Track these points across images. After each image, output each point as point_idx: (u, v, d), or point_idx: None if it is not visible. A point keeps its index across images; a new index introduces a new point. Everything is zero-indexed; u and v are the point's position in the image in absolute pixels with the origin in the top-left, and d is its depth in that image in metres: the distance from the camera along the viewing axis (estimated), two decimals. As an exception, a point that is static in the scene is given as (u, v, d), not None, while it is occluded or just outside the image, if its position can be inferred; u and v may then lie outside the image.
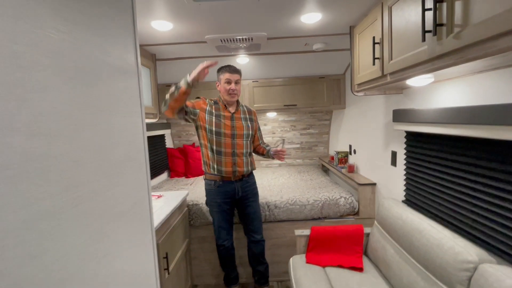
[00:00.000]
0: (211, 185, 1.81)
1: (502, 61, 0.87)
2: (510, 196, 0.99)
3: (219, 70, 1.74)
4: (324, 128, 3.44)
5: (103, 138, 0.69)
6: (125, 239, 0.76)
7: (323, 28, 1.77)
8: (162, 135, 3.10)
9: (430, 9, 0.87)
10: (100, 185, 0.67)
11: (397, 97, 1.77)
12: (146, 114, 2.05)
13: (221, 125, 1.73)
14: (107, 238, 0.68)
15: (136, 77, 0.90)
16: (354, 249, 1.71)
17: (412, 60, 1.03)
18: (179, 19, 1.52)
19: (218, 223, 1.86)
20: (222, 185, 1.79)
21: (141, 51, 2.02)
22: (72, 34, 0.57)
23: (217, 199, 1.81)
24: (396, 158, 1.82)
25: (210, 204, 1.87)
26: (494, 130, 0.96)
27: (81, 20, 0.61)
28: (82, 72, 0.61)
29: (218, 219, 1.85)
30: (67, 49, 0.56)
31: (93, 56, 0.65)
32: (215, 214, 1.86)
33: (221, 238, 1.88)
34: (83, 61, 0.61)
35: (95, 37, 0.65)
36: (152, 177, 2.76)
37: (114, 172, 0.74)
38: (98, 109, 0.67)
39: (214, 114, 1.74)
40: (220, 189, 1.80)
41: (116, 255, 0.71)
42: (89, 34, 0.63)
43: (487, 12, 0.70)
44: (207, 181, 1.83)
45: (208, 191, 1.85)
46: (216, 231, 1.89)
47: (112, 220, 0.71)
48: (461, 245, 1.06)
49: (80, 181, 0.60)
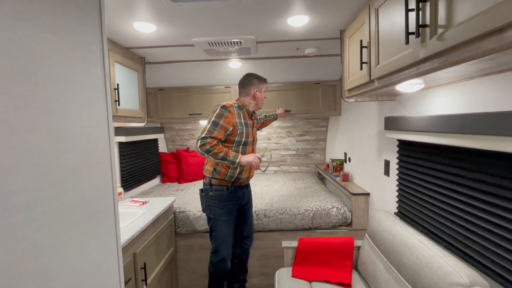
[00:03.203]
0: (222, 191, 1.68)
1: (493, 65, 0.80)
2: (505, 213, 0.90)
3: (259, 79, 1.74)
4: (321, 134, 3.37)
5: (50, 142, 0.63)
6: (78, 252, 0.70)
7: (313, 32, 1.72)
8: (155, 139, 3.05)
9: (413, 10, 0.81)
10: (44, 194, 0.61)
11: (390, 104, 1.70)
12: (133, 118, 2.01)
13: (248, 135, 1.70)
14: (51, 251, 0.62)
15: (101, 76, 0.85)
16: (343, 263, 1.62)
17: (397, 64, 0.97)
18: (161, 21, 1.48)
19: (223, 236, 1.70)
20: (234, 190, 1.72)
21: (129, 54, 1.99)
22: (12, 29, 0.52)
23: (229, 205, 1.71)
24: (389, 168, 1.74)
25: (217, 213, 1.69)
26: (487, 141, 0.89)
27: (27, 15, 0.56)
28: (25, 71, 0.56)
29: (223, 230, 1.70)
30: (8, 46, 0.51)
31: (41, 53, 0.60)
32: (222, 225, 1.69)
33: (224, 254, 1.71)
34: (27, 58, 0.56)
35: (46, 33, 0.61)
36: (143, 182, 2.70)
37: (65, 180, 0.68)
38: (44, 110, 0.62)
39: (243, 124, 1.67)
40: (232, 195, 1.71)
41: (63, 270, 0.65)
42: (37, 29, 0.58)
43: (471, 10, 0.63)
44: (217, 187, 1.68)
45: (217, 198, 1.68)
46: (219, 246, 1.71)
47: (59, 232, 0.65)
48: (451, 265, 0.97)
49: (14, 190, 0.54)
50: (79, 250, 0.70)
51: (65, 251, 0.65)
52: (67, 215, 0.68)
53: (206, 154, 1.54)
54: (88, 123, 0.77)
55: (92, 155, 0.79)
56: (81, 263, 0.71)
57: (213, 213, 1.69)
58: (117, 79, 1.77)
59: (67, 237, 0.67)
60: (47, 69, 0.61)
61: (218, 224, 1.69)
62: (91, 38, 0.80)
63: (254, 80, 1.73)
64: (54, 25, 0.64)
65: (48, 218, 0.62)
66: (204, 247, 2.09)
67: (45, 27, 0.61)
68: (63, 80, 0.67)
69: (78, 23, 0.73)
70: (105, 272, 0.82)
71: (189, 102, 2.84)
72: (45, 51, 0.61)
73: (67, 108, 0.68)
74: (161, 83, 2.78)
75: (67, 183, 0.68)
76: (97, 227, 0.80)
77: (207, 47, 1.87)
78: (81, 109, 0.73)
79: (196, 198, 2.43)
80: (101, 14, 0.83)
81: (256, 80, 1.73)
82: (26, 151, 0.56)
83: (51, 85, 0.63)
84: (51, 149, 0.62)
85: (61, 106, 0.66)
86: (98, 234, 0.80)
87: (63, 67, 0.67)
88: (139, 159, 2.63)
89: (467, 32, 0.64)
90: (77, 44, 0.72)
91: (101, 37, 0.84)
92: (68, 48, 0.68)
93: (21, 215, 0.54)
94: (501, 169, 0.92)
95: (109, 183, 0.86)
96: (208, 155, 1.54)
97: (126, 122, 1.93)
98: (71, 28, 0.70)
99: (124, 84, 1.86)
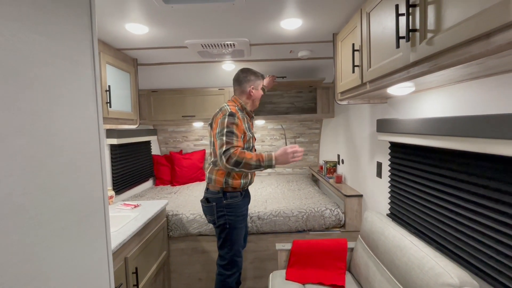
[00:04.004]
0: (237, 197, 1.57)
1: (480, 69, 0.82)
2: (495, 214, 0.92)
3: (256, 75, 1.60)
4: (314, 137, 3.39)
5: (37, 146, 0.62)
6: (66, 257, 0.69)
7: (306, 35, 1.74)
8: (147, 142, 3.02)
9: (404, 14, 0.83)
10: (31, 198, 0.60)
11: (382, 106, 1.72)
12: (125, 120, 1.98)
13: (251, 138, 1.61)
14: (39, 257, 0.60)
15: (91, 77, 0.84)
16: (337, 265, 1.63)
17: (388, 67, 0.99)
18: (154, 23, 1.47)
19: (239, 245, 1.59)
20: (246, 193, 1.67)
21: (121, 55, 1.96)
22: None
23: (244, 210, 1.62)
24: (381, 170, 1.76)
25: (233, 221, 1.55)
26: (476, 143, 0.91)
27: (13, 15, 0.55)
28: (12, 72, 0.54)
29: (239, 238, 1.59)
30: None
31: (28, 54, 0.59)
32: (238, 232, 1.58)
33: (239, 263, 1.62)
34: (13, 60, 0.55)
35: (33, 33, 0.60)
36: (135, 185, 2.66)
37: (53, 184, 0.67)
38: (31, 113, 0.60)
39: (248, 129, 1.56)
40: (245, 199, 1.65)
41: (51, 276, 0.63)
42: (24, 29, 0.57)
43: (458, 16, 0.65)
44: (232, 194, 1.55)
45: (233, 205, 1.55)
46: (234, 255, 1.58)
47: (47, 237, 0.64)
48: (442, 265, 0.98)
49: (0, 195, 0.53)
50: (67, 255, 0.68)
51: (53, 257, 0.63)
52: (55, 220, 0.66)
53: (237, 168, 1.37)
54: (78, 126, 0.76)
55: (81, 159, 0.78)
56: (70, 269, 0.69)
57: (228, 222, 1.54)
58: (108, 80, 1.74)
59: (55, 242, 0.65)
60: (34, 71, 0.60)
61: (233, 233, 1.56)
62: (81, 39, 0.79)
63: (250, 76, 1.59)
64: (42, 26, 0.63)
65: (36, 224, 0.60)
66: (197, 251, 2.07)
67: (33, 27, 0.60)
68: (52, 81, 0.65)
69: (67, 24, 0.72)
70: (94, 277, 0.80)
71: (182, 104, 2.82)
72: (33, 52, 0.59)
73: (56, 111, 0.66)
74: (154, 84, 2.75)
75: (55, 188, 0.67)
76: (87, 232, 0.78)
77: (200, 49, 1.87)
78: (70, 111, 0.72)
79: (190, 200, 2.41)
80: (91, 15, 0.81)
81: (252, 76, 1.59)
82: (13, 155, 0.54)
83: (39, 87, 0.61)
84: (38, 152, 0.61)
85: (49, 108, 0.64)
86: (88, 239, 0.78)
87: (51, 68, 0.65)
88: (131, 161, 2.59)
89: (455, 37, 0.65)
90: (66, 45, 0.71)
91: (91, 38, 0.83)
92: (57, 49, 0.67)
93: (7, 220, 0.53)
94: (490, 171, 0.94)
95: (99, 186, 0.85)
96: (239, 168, 1.37)
97: (118, 124, 1.90)
98: (60, 28, 0.69)
99: (116, 85, 1.83)
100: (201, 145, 3.38)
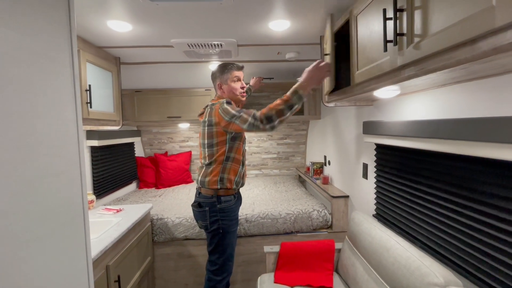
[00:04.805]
0: (231, 201, 1.50)
1: (463, 74, 0.85)
2: (476, 214, 0.95)
3: (222, 69, 1.49)
4: (301, 138, 3.42)
5: (10, 150, 0.57)
6: (43, 268, 0.64)
7: (294, 37, 1.74)
8: (131, 143, 2.92)
9: (391, 19, 0.84)
10: (2, 206, 0.55)
11: (368, 108, 1.75)
12: (107, 121, 1.90)
13: None
14: (13, 269, 0.56)
15: (69, 76, 0.79)
16: (325, 266, 1.64)
17: (375, 71, 1.00)
18: (138, 20, 1.42)
19: (232, 249, 1.54)
20: (238, 196, 1.61)
21: (102, 53, 1.88)
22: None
23: (237, 213, 1.57)
24: (367, 171, 1.79)
25: (227, 225, 1.49)
26: (459, 145, 0.93)
27: None
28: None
29: (232, 242, 1.54)
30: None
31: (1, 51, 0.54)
32: (231, 236, 1.52)
33: (230, 268, 1.56)
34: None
35: (5, 28, 0.55)
36: (117, 188, 2.57)
37: (28, 190, 0.62)
38: (2, 115, 0.55)
39: None
40: (238, 202, 1.59)
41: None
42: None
43: (444, 22, 0.66)
44: (226, 198, 1.49)
45: (227, 209, 1.49)
46: (226, 260, 1.52)
47: (22, 247, 0.59)
48: (427, 265, 1.00)
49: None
50: (43, 267, 0.64)
51: (28, 269, 0.59)
52: (30, 229, 0.61)
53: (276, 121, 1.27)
54: (55, 128, 0.71)
55: (59, 162, 0.73)
56: (46, 281, 0.64)
57: (221, 227, 1.48)
58: (89, 79, 1.66)
59: (31, 253, 0.61)
60: (6, 69, 0.55)
61: (227, 238, 1.50)
62: (58, 34, 0.74)
63: (216, 73, 1.51)
64: (15, 20, 0.58)
65: (9, 233, 0.55)
66: (183, 256, 2.02)
67: (4, 22, 0.55)
68: (26, 80, 0.61)
69: (43, 19, 0.67)
70: (74, 283, 0.75)
71: (167, 104, 2.75)
72: (4, 49, 0.55)
73: (30, 112, 0.62)
74: (138, 84, 2.67)
75: (30, 194, 0.62)
76: (65, 241, 0.73)
77: (186, 48, 1.82)
78: (46, 112, 0.67)
79: (176, 203, 2.35)
80: (69, 10, 0.77)
81: (218, 72, 1.50)
82: (-22, 161, 0.49)
83: (11, 86, 0.57)
84: (10, 157, 0.56)
85: (22, 109, 0.60)
86: (66, 248, 0.73)
87: (25, 66, 0.60)
88: (113, 164, 2.50)
89: (441, 42, 0.67)
90: (42, 40, 0.66)
91: (69, 34, 0.78)
92: (32, 46, 0.62)
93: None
94: (472, 172, 0.97)
95: (78, 191, 0.80)
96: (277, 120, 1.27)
97: (99, 125, 1.82)
98: (36, 23, 0.64)
99: (97, 85, 1.75)
100: (187, 147, 3.31)
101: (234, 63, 1.51)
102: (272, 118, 1.28)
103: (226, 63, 1.51)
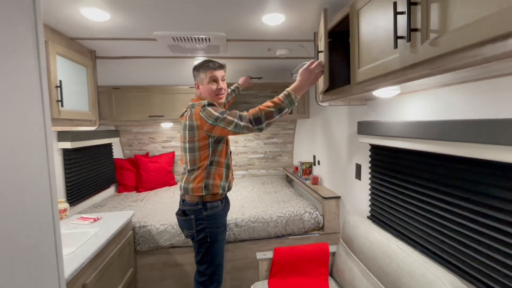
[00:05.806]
0: (218, 207, 1.41)
1: (476, 73, 0.81)
2: (480, 218, 0.93)
3: (198, 69, 1.41)
4: (288, 137, 3.36)
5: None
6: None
7: (287, 33, 1.66)
8: (108, 144, 2.71)
9: (403, 13, 0.78)
10: None
11: (361, 108, 1.71)
12: (81, 121, 1.72)
13: None
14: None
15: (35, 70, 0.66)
16: (320, 271, 1.58)
17: (381, 69, 0.94)
18: (116, 8, 1.26)
19: (221, 257, 1.45)
20: (226, 201, 1.52)
21: (75, 46, 1.69)
22: None
23: (224, 220, 1.46)
24: (360, 172, 1.76)
25: (215, 233, 1.40)
26: (462, 148, 0.90)
27: None
28: None
29: (221, 250, 1.45)
30: None
31: None
32: (219, 244, 1.43)
33: (220, 277, 1.46)
34: None
35: None
36: (94, 193, 2.36)
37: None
38: None
39: None
40: (225, 207, 1.50)
41: None
42: None
43: (470, 16, 0.61)
44: (212, 204, 1.39)
45: (214, 216, 1.39)
46: (215, 269, 1.43)
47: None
48: (433, 272, 0.97)
49: None
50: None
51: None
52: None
53: (263, 123, 1.22)
54: (17, 129, 0.59)
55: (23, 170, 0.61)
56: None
57: (209, 235, 1.38)
58: (59, 75, 1.48)
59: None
60: None
61: (215, 246, 1.41)
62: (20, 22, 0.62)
63: (194, 72, 1.44)
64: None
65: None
66: (168, 265, 1.89)
67: None
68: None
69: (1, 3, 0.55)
70: None
71: (149, 103, 2.58)
72: None
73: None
74: (116, 81, 2.47)
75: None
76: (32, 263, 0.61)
77: (171, 42, 1.68)
78: (4, 112, 0.55)
79: (159, 208, 2.20)
80: (33, -12, 0.63)
81: (195, 71, 1.43)
82: None
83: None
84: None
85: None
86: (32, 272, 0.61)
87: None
88: (89, 167, 2.29)
89: (466, 38, 0.61)
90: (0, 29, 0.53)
91: (34, 23, 0.66)
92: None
93: None
94: (472, 174, 0.94)
95: (47, 201, 0.68)
96: (266, 122, 1.22)
97: (72, 126, 1.63)
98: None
99: (69, 81, 1.57)
100: (170, 147, 3.14)
101: (212, 61, 1.41)
102: (261, 120, 1.23)
103: (204, 61, 1.42)
